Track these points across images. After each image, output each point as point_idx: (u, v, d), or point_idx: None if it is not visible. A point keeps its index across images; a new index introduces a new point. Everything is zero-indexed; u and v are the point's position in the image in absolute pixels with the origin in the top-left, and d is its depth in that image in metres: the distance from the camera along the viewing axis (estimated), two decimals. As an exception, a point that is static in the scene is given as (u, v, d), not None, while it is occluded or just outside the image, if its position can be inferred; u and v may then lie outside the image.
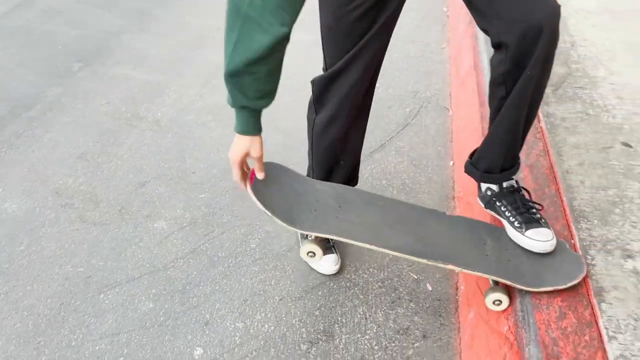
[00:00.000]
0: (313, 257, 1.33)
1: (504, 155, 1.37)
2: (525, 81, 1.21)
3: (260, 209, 1.25)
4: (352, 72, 1.39)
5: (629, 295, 1.24)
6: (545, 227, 1.35)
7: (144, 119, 2.52)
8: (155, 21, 3.52)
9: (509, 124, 1.31)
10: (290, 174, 1.41)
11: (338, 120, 1.49)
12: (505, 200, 1.40)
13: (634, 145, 1.73)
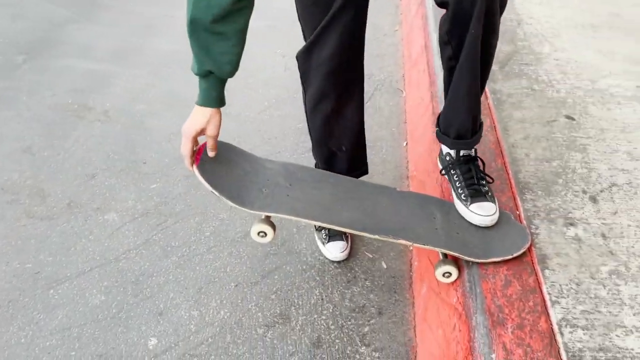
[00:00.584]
0: (264, 237, 1.31)
1: (470, 119, 1.37)
2: (472, 39, 1.22)
3: (207, 189, 1.22)
4: (328, 43, 1.35)
5: (571, 261, 1.27)
6: (490, 201, 1.37)
7: (92, 110, 2.45)
8: (103, 10, 3.42)
9: (467, 86, 1.31)
10: (240, 152, 1.38)
11: (327, 94, 1.45)
12: (460, 169, 1.42)
13: (577, 118, 1.78)
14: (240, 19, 1.15)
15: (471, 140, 1.41)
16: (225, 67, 1.19)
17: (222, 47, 1.16)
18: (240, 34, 1.17)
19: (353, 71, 1.46)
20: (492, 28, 1.24)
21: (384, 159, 2.11)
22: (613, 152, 1.63)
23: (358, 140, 1.59)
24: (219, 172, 1.25)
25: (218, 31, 1.14)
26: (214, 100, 1.24)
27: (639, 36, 2.29)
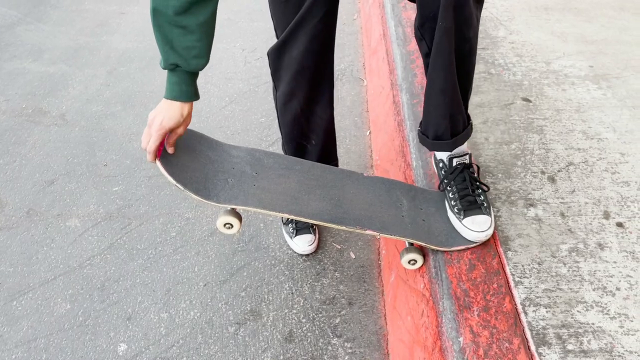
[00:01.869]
0: (231, 229, 1.29)
1: (448, 118, 1.30)
2: (441, 32, 1.16)
3: (171, 182, 1.18)
4: (298, 43, 1.33)
5: (532, 241, 1.31)
6: (485, 213, 1.29)
7: (47, 114, 2.38)
8: (52, 9, 3.32)
9: (440, 83, 1.25)
10: (204, 140, 1.34)
11: (296, 93, 1.43)
12: (452, 176, 1.35)
13: (533, 100, 1.82)
14: (204, 12, 1.12)
15: (451, 141, 1.34)
16: (191, 61, 1.15)
17: (186, 41, 1.13)
18: (204, 26, 1.13)
19: (323, 70, 1.44)
20: (464, 19, 1.16)
21: (347, 148, 2.12)
22: (569, 132, 1.67)
23: (328, 136, 1.59)
24: (182, 164, 1.22)
25: (181, 24, 1.11)
26: (186, 94, 1.19)
27: (590, 17, 2.34)
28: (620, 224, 1.35)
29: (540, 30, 2.24)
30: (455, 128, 1.32)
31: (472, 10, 1.16)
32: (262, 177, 1.30)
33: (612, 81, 1.91)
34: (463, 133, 1.35)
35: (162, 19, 1.10)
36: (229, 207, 1.27)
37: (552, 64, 2.01)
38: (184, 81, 1.19)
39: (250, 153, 1.37)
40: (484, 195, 1.34)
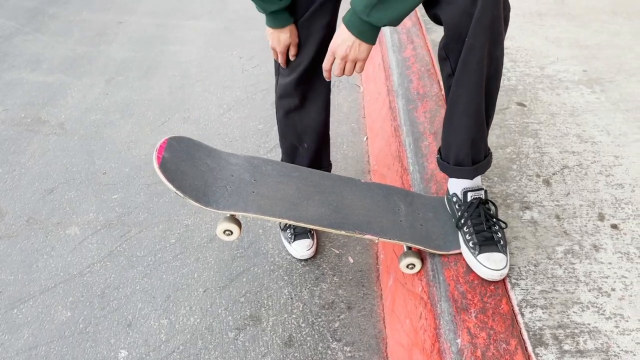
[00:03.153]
0: (230, 235, 1.30)
1: (469, 143, 1.23)
2: (468, 51, 1.11)
3: (170, 189, 1.20)
4: (302, 44, 1.39)
5: (528, 243, 1.32)
6: (501, 251, 1.22)
7: (46, 123, 2.40)
8: (50, 20, 3.34)
9: (464, 104, 1.18)
10: (203, 148, 1.36)
11: (293, 92, 1.47)
12: (468, 212, 1.28)
13: (528, 104, 1.84)
14: None
15: (472, 168, 1.27)
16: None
17: None
18: None
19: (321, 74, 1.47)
20: (496, 38, 1.11)
21: (345, 154, 2.13)
22: (563, 136, 1.69)
23: (321, 139, 1.60)
24: (182, 171, 1.24)
25: None
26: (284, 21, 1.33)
27: (583, 22, 2.37)
28: (614, 226, 1.37)
29: (534, 36, 2.27)
30: (477, 155, 1.26)
31: (502, 28, 1.12)
32: (260, 184, 1.32)
33: (605, 85, 1.94)
34: (484, 161, 1.28)
35: None
36: (228, 214, 1.28)
37: (546, 69, 2.04)
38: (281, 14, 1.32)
39: (248, 160, 1.39)
40: (501, 232, 1.26)
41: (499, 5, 1.08)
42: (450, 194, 1.36)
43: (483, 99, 1.19)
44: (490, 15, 1.07)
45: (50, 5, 3.54)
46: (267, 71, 2.72)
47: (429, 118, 1.75)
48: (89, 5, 3.53)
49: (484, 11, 1.06)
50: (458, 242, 1.29)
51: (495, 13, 1.08)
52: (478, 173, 1.29)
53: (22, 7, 3.53)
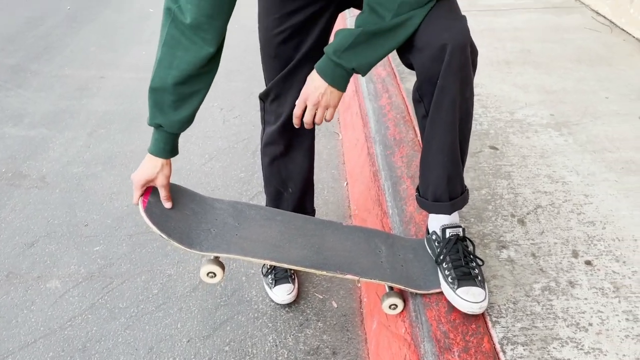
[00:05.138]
0: (214, 278, 1.31)
1: (446, 180, 1.28)
2: (440, 93, 1.17)
3: (155, 232, 1.22)
4: (286, 94, 1.42)
5: (506, 281, 1.35)
6: (480, 286, 1.24)
7: (27, 177, 2.40)
8: (31, 76, 3.39)
9: (439, 142, 1.23)
10: (187, 193, 1.39)
11: (279, 137, 1.50)
12: (447, 249, 1.31)
13: (500, 147, 1.91)
14: (200, 84, 1.21)
15: (449, 204, 1.31)
16: (175, 125, 1.23)
17: (175, 108, 1.21)
18: (196, 96, 1.22)
19: None
20: (466, 79, 1.18)
21: (326, 199, 2.17)
22: (535, 177, 1.76)
23: (305, 184, 1.64)
24: (166, 215, 1.26)
25: (175, 92, 1.19)
26: (163, 151, 1.26)
27: (549, 69, 2.50)
28: (588, 262, 1.41)
29: (503, 83, 2.38)
30: (454, 191, 1.30)
31: (470, 71, 1.19)
32: (244, 227, 1.34)
33: (572, 128, 2.03)
34: (461, 197, 1.33)
35: (159, 85, 1.18)
36: (212, 256, 1.29)
37: (516, 114, 2.13)
38: (164, 140, 1.25)
39: (232, 205, 1.41)
40: (478, 269, 1.29)
41: (467, 50, 1.15)
42: (429, 233, 1.39)
43: (457, 137, 1.24)
44: (459, 59, 1.14)
45: (32, 62, 3.60)
46: (248, 121, 2.78)
47: (406, 162, 1.81)
48: (70, 62, 3.60)
49: (453, 56, 1.13)
50: (438, 281, 1.32)
51: (463, 58, 1.15)
52: (455, 208, 1.33)
53: (4, 64, 3.58)
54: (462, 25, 1.14)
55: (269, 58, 1.43)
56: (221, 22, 1.16)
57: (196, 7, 1.12)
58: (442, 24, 1.14)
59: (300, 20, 1.35)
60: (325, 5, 1.35)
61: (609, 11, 3.02)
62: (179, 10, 1.14)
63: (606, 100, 2.20)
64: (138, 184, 1.27)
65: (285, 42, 1.37)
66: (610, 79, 2.38)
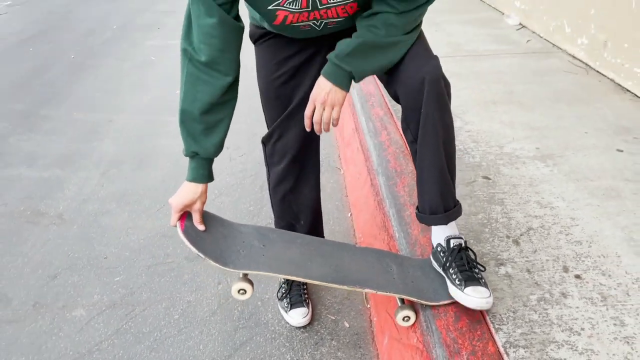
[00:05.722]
0: (244, 294, 1.44)
1: (439, 194, 1.44)
2: (424, 119, 1.35)
3: (193, 252, 1.35)
4: (290, 131, 1.57)
5: (506, 294, 1.50)
6: (484, 286, 1.39)
7: (45, 215, 2.52)
8: (43, 121, 3.54)
9: (430, 161, 1.40)
10: (216, 218, 1.53)
11: (287, 175, 1.65)
12: (452, 257, 1.45)
13: (492, 177, 2.09)
14: (224, 111, 1.37)
15: (444, 215, 1.46)
16: (210, 150, 1.39)
17: (206, 135, 1.37)
18: (222, 123, 1.38)
19: (310, 156, 1.68)
20: (443, 107, 1.36)
21: (332, 229, 2.32)
22: (526, 203, 1.93)
23: (314, 215, 1.79)
24: (201, 237, 1.40)
25: (203, 121, 1.35)
26: (201, 176, 1.41)
27: (532, 108, 2.72)
28: (578, 276, 1.57)
29: (491, 121, 2.58)
30: (447, 204, 1.46)
31: (447, 100, 1.39)
32: (269, 248, 1.48)
33: (557, 159, 2.22)
34: (455, 209, 1.48)
35: (188, 117, 1.34)
36: (241, 274, 1.43)
37: (505, 148, 2.32)
38: (202, 166, 1.41)
39: (256, 229, 1.56)
40: (481, 274, 1.45)
41: (441, 82, 1.35)
42: (435, 246, 1.54)
43: (444, 158, 1.42)
44: (435, 90, 1.34)
45: (41, 108, 3.76)
46: (253, 159, 2.95)
47: (408, 192, 1.98)
48: (78, 107, 3.77)
49: (431, 87, 1.33)
50: (446, 294, 1.46)
51: (439, 89, 1.35)
52: (451, 219, 1.48)
53: (14, 109, 3.74)
54: (436, 63, 1.36)
55: (271, 100, 1.59)
56: (233, 54, 1.34)
57: (208, 45, 1.30)
58: (420, 62, 1.35)
59: (296, 64, 1.53)
60: (317, 49, 1.53)
61: (585, 55, 3.28)
62: (194, 51, 1.31)
63: (586, 135, 2.41)
64: (177, 208, 1.41)
65: (284, 84, 1.54)
66: (588, 116, 2.60)
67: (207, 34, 1.27)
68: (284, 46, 1.50)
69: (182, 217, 1.42)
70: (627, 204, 1.89)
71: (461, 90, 2.94)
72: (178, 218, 1.42)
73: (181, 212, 1.42)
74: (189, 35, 1.30)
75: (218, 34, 1.27)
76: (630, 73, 2.84)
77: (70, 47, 5.12)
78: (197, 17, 1.27)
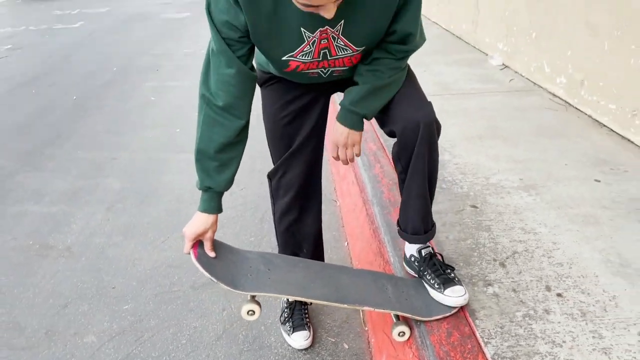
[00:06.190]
0: (253, 315, 1.56)
1: (421, 218, 1.64)
2: (415, 157, 1.52)
3: (206, 276, 1.47)
4: (294, 167, 1.72)
5: (493, 311, 1.63)
6: (459, 284, 1.62)
7: (54, 248, 2.63)
8: (48, 159, 3.68)
9: (417, 191, 1.59)
10: (225, 246, 1.66)
11: (291, 207, 1.79)
12: (426, 264, 1.68)
13: (479, 206, 2.24)
14: (238, 150, 1.52)
15: (424, 236, 1.68)
16: (222, 184, 1.53)
17: (219, 171, 1.51)
18: (234, 160, 1.53)
19: (313, 190, 1.83)
20: (433, 147, 1.54)
21: (330, 258, 2.44)
22: (511, 229, 2.07)
23: (316, 243, 1.93)
24: (212, 263, 1.53)
25: (217, 159, 1.49)
26: (213, 208, 1.54)
27: (515, 142, 2.89)
28: (559, 294, 1.70)
29: (477, 154, 2.75)
30: (426, 226, 1.68)
31: (436, 139, 1.56)
32: (274, 272, 1.61)
33: (539, 189, 2.38)
34: (432, 230, 1.70)
35: (204, 155, 1.49)
36: (249, 297, 1.55)
37: (491, 179, 2.48)
38: (213, 199, 1.54)
39: (262, 255, 1.69)
40: (453, 273, 1.68)
41: (433, 126, 1.52)
42: (407, 257, 1.75)
43: (427, 188, 1.61)
44: (428, 133, 1.51)
45: (46, 147, 3.90)
46: (253, 193, 3.08)
47: (401, 221, 2.11)
48: (82, 146, 3.91)
49: (425, 132, 1.50)
50: (438, 310, 1.58)
51: (432, 131, 1.52)
52: (429, 238, 1.70)
53: (20, 149, 3.87)
54: (430, 108, 1.54)
55: (276, 139, 1.74)
56: (247, 100, 1.50)
57: (225, 92, 1.46)
58: (417, 106, 1.53)
59: (300, 106, 1.69)
60: (319, 93, 1.69)
61: (564, 93, 3.50)
62: (212, 96, 1.47)
63: (566, 167, 2.58)
64: (190, 237, 1.54)
65: (289, 124, 1.70)
66: (568, 149, 2.77)
67: (226, 82, 1.43)
68: (289, 90, 1.66)
69: (194, 246, 1.55)
70: (604, 229, 2.04)
71: (450, 127, 3.12)
72: (191, 246, 1.55)
73: (194, 241, 1.54)
74: (207, 82, 1.45)
75: (235, 82, 1.43)
76: (605, 109, 3.04)
77: (72, 89, 5.30)
78: (217, 67, 1.42)
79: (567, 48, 3.41)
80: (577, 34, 3.28)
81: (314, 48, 1.40)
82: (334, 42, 1.40)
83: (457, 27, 5.54)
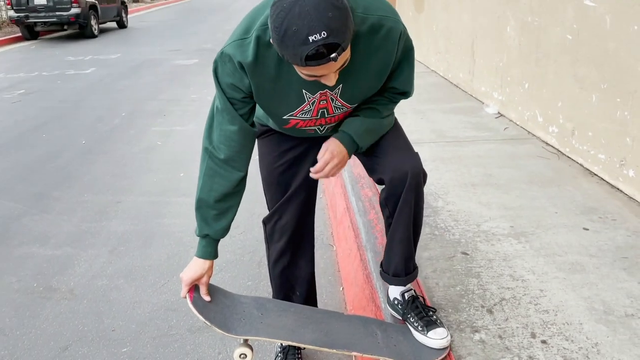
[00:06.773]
0: (245, 359, 1.61)
1: (404, 260, 1.71)
2: (402, 204, 1.61)
3: (201, 320, 1.54)
4: (288, 213, 1.81)
5: (479, 357, 1.68)
6: (441, 326, 1.70)
7: (57, 290, 2.69)
8: (53, 202, 3.78)
9: (400, 236, 1.67)
10: (220, 290, 1.73)
11: (285, 251, 1.87)
12: (409, 307, 1.76)
13: (470, 253, 2.31)
14: (236, 199, 1.61)
15: (405, 278, 1.75)
16: (219, 232, 1.61)
17: (217, 219, 1.60)
18: (232, 209, 1.62)
19: (306, 234, 1.92)
20: (419, 195, 1.64)
21: (325, 303, 2.49)
22: (499, 276, 2.13)
23: (309, 287, 1.99)
24: (207, 307, 1.59)
25: (216, 208, 1.58)
26: (209, 254, 1.62)
27: (507, 189, 2.98)
28: (544, 341, 1.75)
29: (469, 201, 2.83)
30: (408, 269, 1.75)
31: (422, 189, 1.66)
32: (266, 316, 1.67)
33: (529, 237, 2.45)
34: (413, 273, 1.78)
35: (204, 204, 1.58)
36: (242, 340, 1.61)
37: (482, 226, 2.56)
38: (210, 245, 1.63)
39: (255, 300, 1.75)
40: (435, 315, 1.75)
41: (420, 176, 1.62)
42: (391, 300, 1.82)
43: (412, 233, 1.69)
44: (415, 182, 1.61)
45: (53, 190, 4.01)
46: (252, 237, 3.16)
47: (393, 267, 2.18)
48: (89, 189, 4.02)
49: (412, 181, 1.60)
50: (425, 356, 1.63)
51: (418, 181, 1.62)
52: (409, 281, 1.77)
53: (28, 191, 3.99)
54: (417, 159, 1.64)
55: (272, 186, 1.84)
56: (247, 154, 1.60)
57: (227, 147, 1.56)
58: (405, 157, 1.63)
59: (295, 156, 1.79)
60: (312, 144, 1.79)
61: (556, 142, 3.60)
62: (214, 149, 1.57)
63: (555, 215, 2.65)
64: (187, 282, 1.62)
65: (284, 172, 1.80)
66: (558, 197, 2.86)
67: (228, 137, 1.53)
68: (284, 141, 1.77)
69: (190, 290, 1.62)
70: (591, 277, 2.10)
71: (444, 174, 3.22)
72: (187, 290, 1.62)
73: (190, 285, 1.62)
74: (210, 136, 1.56)
75: (237, 138, 1.54)
76: (595, 159, 3.14)
77: (81, 133, 5.46)
78: (221, 123, 1.53)
79: (558, 99, 3.54)
80: (566, 86, 3.41)
81: (313, 107, 1.51)
82: (332, 103, 1.51)
83: (454, 76, 5.72)
